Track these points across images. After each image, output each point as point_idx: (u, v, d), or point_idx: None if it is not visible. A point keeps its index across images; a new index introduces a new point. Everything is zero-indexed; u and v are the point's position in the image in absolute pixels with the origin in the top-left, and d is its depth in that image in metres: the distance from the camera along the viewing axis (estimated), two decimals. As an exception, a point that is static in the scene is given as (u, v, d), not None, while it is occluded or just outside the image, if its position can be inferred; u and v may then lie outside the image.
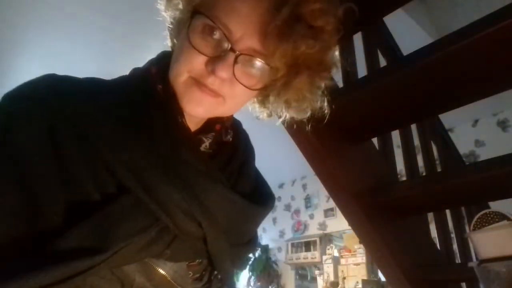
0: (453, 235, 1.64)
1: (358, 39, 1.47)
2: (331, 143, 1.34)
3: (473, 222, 1.03)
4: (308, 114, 0.63)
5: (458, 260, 1.69)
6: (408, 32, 2.12)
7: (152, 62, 0.60)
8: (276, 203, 5.04)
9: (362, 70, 1.41)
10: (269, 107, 0.62)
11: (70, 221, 0.44)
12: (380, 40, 1.50)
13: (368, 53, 1.44)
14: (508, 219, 0.97)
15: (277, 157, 4.04)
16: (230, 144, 0.61)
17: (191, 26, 0.50)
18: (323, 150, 1.30)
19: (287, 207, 4.91)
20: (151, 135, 0.51)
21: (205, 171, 0.53)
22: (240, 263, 0.63)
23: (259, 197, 0.61)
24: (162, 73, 0.55)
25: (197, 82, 0.50)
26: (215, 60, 0.49)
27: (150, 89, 0.55)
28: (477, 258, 1.01)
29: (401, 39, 1.57)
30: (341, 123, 1.36)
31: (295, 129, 1.34)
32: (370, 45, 1.46)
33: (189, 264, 0.55)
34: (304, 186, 4.77)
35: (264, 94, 0.59)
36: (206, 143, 0.57)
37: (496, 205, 1.19)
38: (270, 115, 0.64)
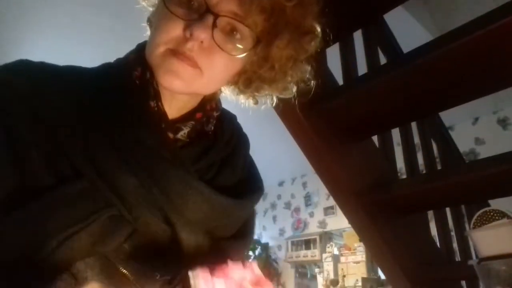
0: (453, 233, 1.64)
1: (358, 37, 1.47)
2: (331, 141, 1.34)
3: (473, 220, 1.03)
4: (294, 92, 0.60)
5: (458, 258, 1.69)
6: (409, 29, 2.12)
7: (131, 51, 0.59)
8: (276, 201, 5.06)
9: (362, 68, 1.41)
10: (252, 90, 0.59)
11: (21, 206, 0.42)
12: (381, 38, 1.50)
13: (369, 51, 1.44)
14: (508, 217, 0.97)
15: (277, 155, 4.03)
16: (211, 135, 0.58)
17: None
18: (323, 148, 1.30)
19: (287, 205, 4.91)
20: (114, 120, 0.49)
21: (170, 158, 0.50)
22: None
23: (243, 190, 0.59)
24: (140, 59, 0.54)
25: (175, 52, 0.48)
26: (193, 22, 0.47)
27: (124, 75, 0.54)
28: (477, 256, 1.01)
29: (401, 37, 1.56)
30: (341, 121, 1.36)
31: (295, 127, 1.34)
32: (370, 42, 1.45)
33: (154, 264, 0.49)
34: (304, 184, 4.77)
35: (246, 74, 0.57)
36: (184, 131, 0.55)
37: (496, 203, 1.19)
38: (256, 102, 0.62)
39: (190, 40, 0.47)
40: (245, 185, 0.60)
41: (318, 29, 0.55)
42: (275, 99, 0.64)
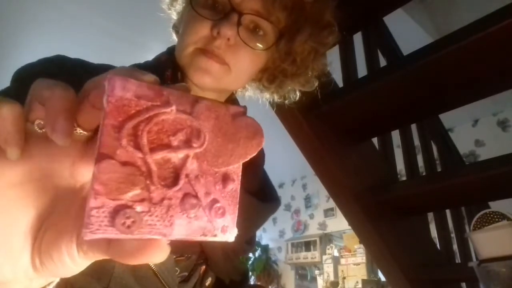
0: (453, 235, 1.64)
1: (358, 39, 1.47)
2: (331, 143, 1.34)
3: (473, 222, 1.03)
4: (316, 85, 0.63)
5: (458, 260, 1.68)
6: (408, 32, 2.12)
7: (162, 53, 0.61)
8: (276, 203, 5.06)
9: (362, 70, 1.41)
10: (276, 85, 0.62)
11: None
12: (380, 40, 1.50)
13: (368, 53, 1.44)
14: (508, 219, 0.97)
15: (277, 157, 4.04)
16: None
17: None
18: (323, 150, 1.30)
19: (287, 207, 4.91)
20: None
21: None
22: (237, 262, 0.61)
23: (265, 197, 0.61)
24: (170, 61, 0.57)
25: (204, 51, 0.51)
26: (219, 22, 0.50)
27: (160, 75, 0.56)
28: (477, 258, 1.01)
29: (401, 39, 1.57)
30: (341, 123, 1.36)
31: (295, 129, 1.34)
32: (370, 45, 1.46)
33: (176, 258, 0.54)
34: (304, 186, 4.77)
35: (269, 70, 0.60)
36: None
37: (496, 205, 1.19)
38: (280, 97, 0.64)
39: (217, 38, 0.50)
40: (264, 193, 0.63)
41: (335, 23, 0.57)
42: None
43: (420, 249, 1.44)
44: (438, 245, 1.53)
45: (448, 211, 1.63)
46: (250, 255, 4.67)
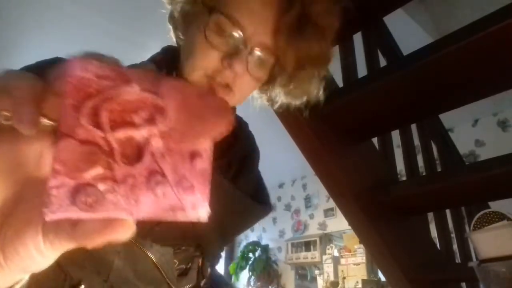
0: (453, 235, 1.64)
1: (358, 39, 1.47)
2: (331, 143, 1.34)
3: (473, 222, 1.03)
4: (304, 99, 0.65)
5: (458, 260, 1.68)
6: (408, 32, 2.12)
7: (157, 53, 0.62)
8: (276, 203, 5.05)
9: (362, 70, 1.41)
10: (268, 94, 0.64)
11: None
12: (380, 40, 1.50)
13: (368, 53, 1.44)
14: (508, 219, 0.97)
15: (277, 157, 4.04)
16: (230, 135, 0.63)
17: (208, 24, 0.51)
18: (323, 150, 1.30)
19: (287, 207, 4.91)
20: None
21: None
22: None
23: (258, 199, 0.63)
24: (166, 60, 0.59)
25: (211, 82, 0.53)
26: (231, 55, 0.51)
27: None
28: (477, 258, 1.01)
29: (401, 39, 1.57)
30: (341, 123, 1.36)
31: (295, 129, 1.34)
32: (370, 45, 1.46)
33: (175, 251, 0.55)
34: (304, 186, 4.77)
35: (267, 85, 0.61)
36: None
37: (496, 205, 1.18)
38: (270, 100, 0.65)
39: (227, 70, 0.51)
40: (258, 195, 0.64)
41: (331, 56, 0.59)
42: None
43: (420, 249, 1.44)
44: (438, 245, 1.53)
45: (448, 211, 1.63)
46: (250, 255, 4.67)
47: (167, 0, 0.58)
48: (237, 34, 0.51)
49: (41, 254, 0.25)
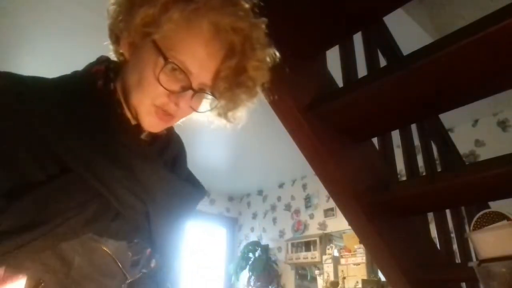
0: (453, 235, 1.64)
1: (358, 39, 1.47)
2: (331, 143, 1.34)
3: (473, 222, 1.04)
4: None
5: (458, 260, 1.68)
6: (408, 32, 2.12)
7: (91, 64, 0.68)
8: (276, 203, 5.05)
9: (362, 70, 1.41)
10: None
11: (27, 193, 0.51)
12: (380, 40, 1.50)
13: (368, 53, 1.44)
14: (508, 219, 0.97)
15: (277, 157, 4.03)
16: (164, 137, 0.73)
17: (163, 69, 0.59)
18: (323, 150, 1.30)
19: (287, 207, 4.91)
20: (94, 124, 0.60)
21: (144, 153, 0.64)
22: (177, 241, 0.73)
23: (193, 183, 0.75)
24: (103, 72, 0.66)
25: (158, 110, 0.63)
26: (177, 95, 0.62)
27: (92, 85, 0.64)
28: (477, 258, 1.01)
29: (401, 39, 1.57)
30: (341, 123, 1.36)
31: (295, 129, 1.34)
32: (370, 45, 1.46)
33: (128, 244, 0.62)
34: (304, 186, 4.76)
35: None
36: (145, 133, 0.68)
37: (496, 205, 1.18)
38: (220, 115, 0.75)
39: (173, 105, 0.62)
40: (191, 179, 0.76)
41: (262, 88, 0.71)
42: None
43: (420, 249, 1.45)
44: (438, 245, 1.53)
45: (448, 211, 1.63)
46: (250, 255, 4.67)
47: (110, 16, 0.64)
48: (184, 77, 0.60)
49: None
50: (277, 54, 0.70)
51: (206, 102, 0.70)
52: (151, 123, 0.64)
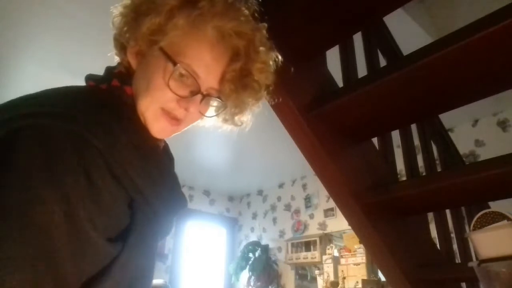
0: (453, 235, 1.64)
1: (358, 39, 1.47)
2: (331, 143, 1.34)
3: (473, 222, 1.03)
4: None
5: (458, 260, 1.68)
6: (409, 32, 2.12)
7: (106, 79, 0.67)
8: (276, 203, 5.05)
9: (362, 70, 1.41)
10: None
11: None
12: (380, 40, 1.50)
13: (368, 53, 1.44)
14: (508, 219, 0.97)
15: (277, 157, 4.03)
16: (164, 148, 0.77)
17: (172, 74, 0.61)
18: (323, 150, 1.30)
19: (287, 207, 4.91)
20: (140, 153, 0.61)
21: (168, 168, 0.73)
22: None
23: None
24: (119, 87, 0.66)
25: (166, 114, 0.64)
26: (187, 99, 0.63)
27: (128, 106, 0.64)
28: (477, 258, 1.01)
29: (401, 39, 1.57)
30: (341, 123, 1.36)
31: (295, 129, 1.34)
32: (370, 45, 1.46)
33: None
34: (304, 186, 4.76)
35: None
36: (160, 148, 0.72)
37: (496, 205, 1.18)
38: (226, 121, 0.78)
39: (183, 109, 0.63)
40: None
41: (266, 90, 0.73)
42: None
43: (420, 249, 1.44)
44: (438, 245, 1.53)
45: (448, 211, 1.63)
46: (250, 255, 4.67)
47: (115, 27, 0.66)
48: (193, 81, 0.62)
49: None
50: (279, 57, 0.71)
51: (212, 109, 0.71)
52: (160, 129, 0.65)
